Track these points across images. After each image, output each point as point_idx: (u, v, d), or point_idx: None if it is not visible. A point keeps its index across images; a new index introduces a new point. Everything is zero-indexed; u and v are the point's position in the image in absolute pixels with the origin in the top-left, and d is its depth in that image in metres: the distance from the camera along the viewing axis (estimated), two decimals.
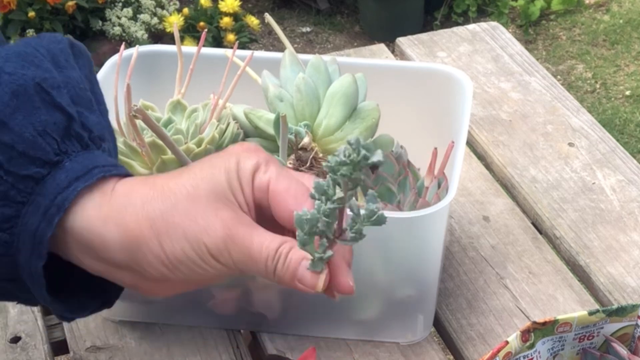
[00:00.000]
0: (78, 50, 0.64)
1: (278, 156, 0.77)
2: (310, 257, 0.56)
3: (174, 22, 2.47)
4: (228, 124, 0.80)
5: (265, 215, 0.59)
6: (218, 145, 0.78)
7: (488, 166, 1.03)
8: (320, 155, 0.79)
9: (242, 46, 2.68)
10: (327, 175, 0.52)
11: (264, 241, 0.56)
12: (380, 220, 0.54)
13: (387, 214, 0.73)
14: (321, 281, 0.56)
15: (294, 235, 0.57)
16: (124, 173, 0.59)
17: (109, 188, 0.58)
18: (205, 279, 0.58)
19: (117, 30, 2.65)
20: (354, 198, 0.54)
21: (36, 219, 0.55)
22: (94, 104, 0.62)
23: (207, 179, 0.57)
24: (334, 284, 0.57)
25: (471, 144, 1.06)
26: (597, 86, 2.83)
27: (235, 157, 0.58)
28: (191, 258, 0.56)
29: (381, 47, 1.22)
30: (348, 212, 0.55)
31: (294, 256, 0.56)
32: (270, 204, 0.58)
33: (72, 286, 0.62)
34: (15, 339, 0.83)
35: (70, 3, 2.52)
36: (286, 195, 0.57)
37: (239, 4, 2.76)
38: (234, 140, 0.80)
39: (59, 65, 0.60)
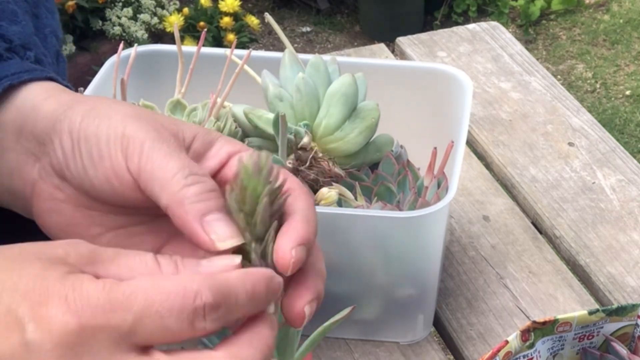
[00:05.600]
0: None
1: (278, 155, 0.77)
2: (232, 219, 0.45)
3: (174, 22, 2.47)
4: (226, 122, 0.80)
5: None
6: None
7: (488, 166, 1.03)
8: (320, 155, 0.79)
9: (242, 46, 2.69)
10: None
11: (191, 161, 0.47)
12: None
13: (387, 213, 0.74)
14: (232, 242, 0.44)
15: None
16: (43, 76, 0.55)
17: (57, 85, 0.55)
18: (96, 183, 0.49)
19: (117, 30, 2.65)
20: None
21: None
22: (17, 15, 0.59)
23: (180, 121, 0.51)
24: (284, 304, 0.45)
25: (471, 143, 1.06)
26: (597, 86, 2.83)
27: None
28: (98, 137, 0.48)
29: (381, 47, 1.22)
30: None
31: (218, 200, 0.45)
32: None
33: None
34: None
35: (70, 3, 2.52)
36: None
37: (239, 3, 2.76)
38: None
39: None
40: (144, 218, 0.51)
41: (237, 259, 0.44)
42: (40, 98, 0.53)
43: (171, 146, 0.47)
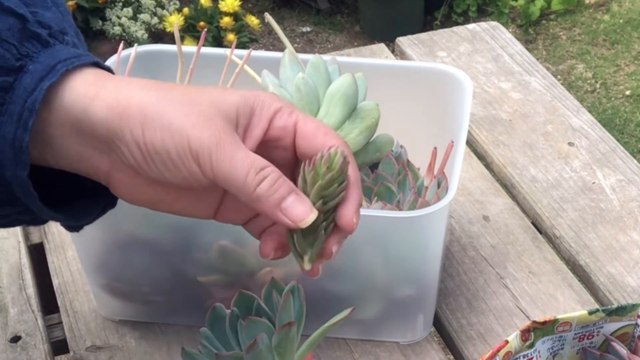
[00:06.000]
0: None
1: None
2: (300, 193, 0.56)
3: (174, 22, 2.47)
4: None
5: (266, 157, 0.59)
6: None
7: (488, 166, 1.04)
8: None
9: (242, 46, 2.69)
10: None
11: (251, 155, 0.55)
12: None
13: (387, 213, 0.74)
14: (310, 219, 0.55)
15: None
16: (89, 61, 0.58)
17: (100, 72, 0.57)
18: (176, 183, 0.57)
19: (117, 30, 2.65)
20: None
21: (12, 127, 0.55)
22: (48, 2, 0.61)
23: (217, 95, 0.57)
24: (337, 214, 0.57)
25: (471, 143, 1.06)
26: (597, 86, 2.83)
27: (259, 94, 0.59)
28: (168, 151, 0.55)
29: (381, 47, 1.22)
30: None
31: (285, 184, 0.55)
32: (297, 143, 0.59)
33: (68, 196, 0.62)
34: (15, 339, 0.83)
35: (70, 3, 2.52)
36: (317, 133, 0.58)
37: (239, 3, 2.76)
38: None
39: None
40: None
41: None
42: (87, 98, 0.56)
43: (232, 145, 0.55)
